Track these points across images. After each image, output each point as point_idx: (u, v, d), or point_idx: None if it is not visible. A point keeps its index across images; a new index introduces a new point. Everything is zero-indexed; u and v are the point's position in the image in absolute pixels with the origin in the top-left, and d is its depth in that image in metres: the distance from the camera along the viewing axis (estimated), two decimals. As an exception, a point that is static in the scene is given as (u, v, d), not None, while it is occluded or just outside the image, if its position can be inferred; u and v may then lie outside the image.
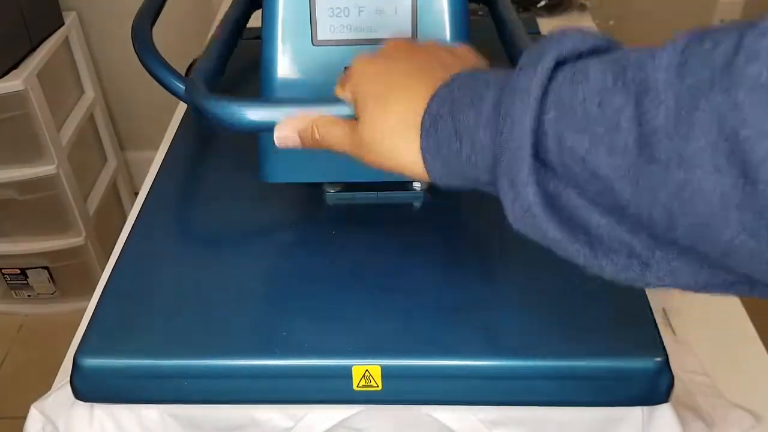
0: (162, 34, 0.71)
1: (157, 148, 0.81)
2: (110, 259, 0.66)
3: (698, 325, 0.58)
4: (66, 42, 1.43)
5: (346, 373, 0.44)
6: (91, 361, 0.45)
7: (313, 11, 0.47)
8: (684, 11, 1.56)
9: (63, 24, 1.39)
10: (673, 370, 0.51)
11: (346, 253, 0.51)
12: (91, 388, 0.46)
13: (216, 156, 0.62)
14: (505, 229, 0.52)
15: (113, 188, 1.62)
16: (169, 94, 0.57)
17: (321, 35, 0.48)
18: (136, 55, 0.59)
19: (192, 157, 0.62)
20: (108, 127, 1.60)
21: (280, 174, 0.50)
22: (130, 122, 1.68)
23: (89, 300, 0.62)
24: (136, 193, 0.85)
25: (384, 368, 0.44)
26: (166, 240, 0.54)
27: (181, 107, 0.85)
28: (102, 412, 0.48)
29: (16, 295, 1.50)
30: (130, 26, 0.62)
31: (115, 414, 0.48)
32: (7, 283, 1.48)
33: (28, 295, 1.50)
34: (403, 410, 0.47)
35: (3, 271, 1.45)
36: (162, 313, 0.47)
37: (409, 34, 0.48)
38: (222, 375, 0.44)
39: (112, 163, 1.62)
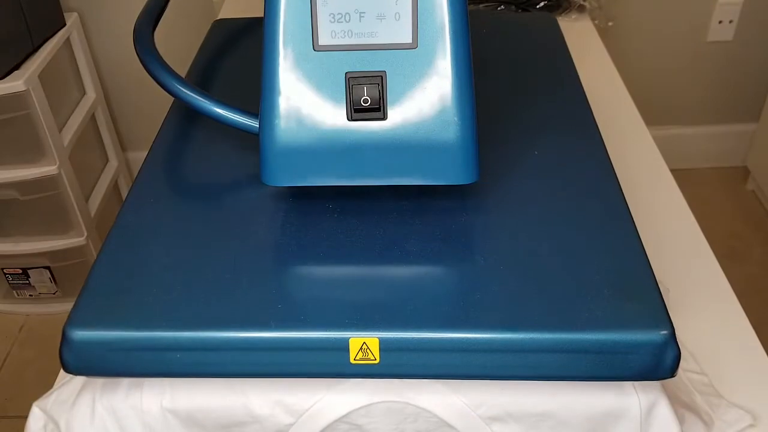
0: (162, 35, 0.71)
1: (158, 148, 0.81)
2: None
3: (696, 323, 0.59)
4: (67, 43, 1.43)
5: (343, 346, 0.44)
6: (80, 333, 0.44)
7: (314, 17, 0.48)
8: (682, 12, 1.56)
9: (64, 25, 1.40)
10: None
11: (343, 225, 0.51)
12: (80, 361, 0.45)
13: (210, 134, 0.61)
14: (504, 201, 0.53)
15: (115, 188, 1.63)
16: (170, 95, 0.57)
17: (322, 40, 0.48)
18: (137, 57, 0.59)
19: (185, 135, 0.62)
20: (109, 128, 1.60)
21: (283, 177, 0.50)
22: (132, 123, 1.68)
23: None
24: (138, 194, 0.85)
25: (382, 341, 0.44)
26: (160, 213, 0.53)
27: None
28: (103, 409, 0.48)
29: (18, 294, 1.50)
30: (132, 27, 0.62)
31: (117, 412, 0.48)
32: (9, 283, 1.48)
33: (30, 295, 1.50)
34: (403, 406, 0.47)
35: (5, 270, 1.46)
36: (155, 285, 0.47)
37: (410, 40, 0.48)
38: (215, 347, 0.44)
39: (113, 163, 1.63)
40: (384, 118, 0.49)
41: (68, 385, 0.51)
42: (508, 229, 0.50)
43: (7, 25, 1.23)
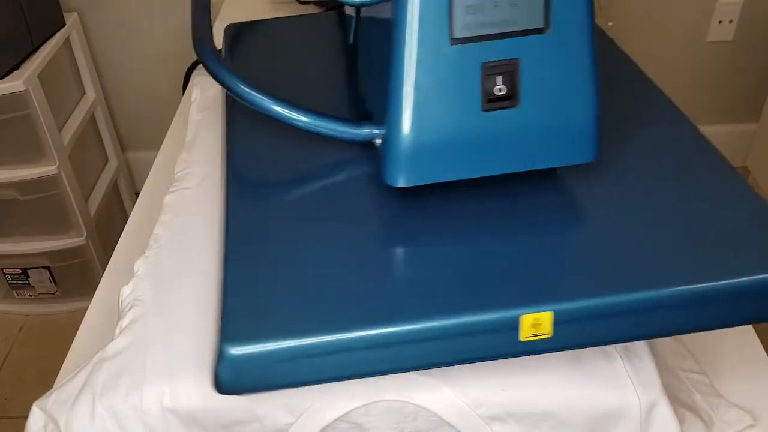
0: (162, 35, 0.71)
1: (157, 148, 0.81)
2: (111, 260, 0.67)
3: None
4: (67, 43, 1.43)
5: (513, 325, 0.43)
6: (238, 350, 0.43)
7: (451, 9, 0.47)
8: (682, 12, 1.56)
9: (64, 25, 1.40)
10: (671, 369, 0.52)
11: (464, 211, 0.50)
12: (238, 379, 0.44)
13: (284, 131, 0.58)
14: (617, 172, 0.53)
15: (114, 189, 1.63)
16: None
17: (458, 33, 0.47)
18: (213, 78, 0.58)
19: (259, 137, 0.60)
20: (109, 128, 1.60)
21: (412, 176, 0.49)
22: (131, 123, 1.68)
23: (90, 300, 0.63)
24: (137, 194, 0.85)
25: (557, 313, 0.43)
26: (268, 218, 0.52)
27: (182, 107, 0.85)
28: (104, 409, 0.48)
29: (18, 295, 1.50)
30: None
31: (117, 412, 0.48)
32: (9, 283, 1.48)
33: (30, 295, 1.50)
34: (403, 405, 0.47)
35: (4, 270, 1.46)
36: (294, 292, 0.45)
37: (542, 24, 0.48)
38: (376, 345, 0.43)
39: (113, 163, 1.63)
40: (517, 105, 0.48)
41: (68, 385, 0.51)
42: (631, 197, 0.51)
43: (7, 25, 1.23)
